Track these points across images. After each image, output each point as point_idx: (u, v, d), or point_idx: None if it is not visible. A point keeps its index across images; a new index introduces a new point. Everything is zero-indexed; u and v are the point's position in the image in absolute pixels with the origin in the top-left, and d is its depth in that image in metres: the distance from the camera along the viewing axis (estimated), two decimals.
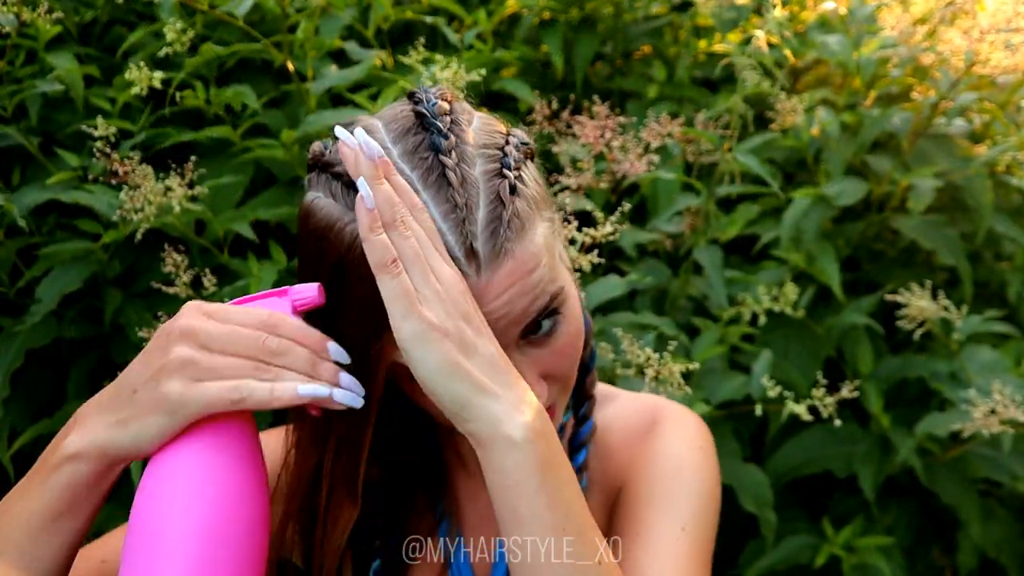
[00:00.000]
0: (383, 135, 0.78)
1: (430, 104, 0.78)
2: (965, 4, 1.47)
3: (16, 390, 1.49)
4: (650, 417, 0.98)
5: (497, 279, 0.75)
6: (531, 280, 0.76)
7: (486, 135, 0.80)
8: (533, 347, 0.81)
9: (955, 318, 1.53)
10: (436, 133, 0.76)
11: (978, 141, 1.86)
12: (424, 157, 0.75)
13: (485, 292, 0.75)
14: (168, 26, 1.43)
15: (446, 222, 0.74)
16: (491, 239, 0.74)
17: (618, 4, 1.94)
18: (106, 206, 1.44)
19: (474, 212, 0.74)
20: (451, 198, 0.74)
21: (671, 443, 0.95)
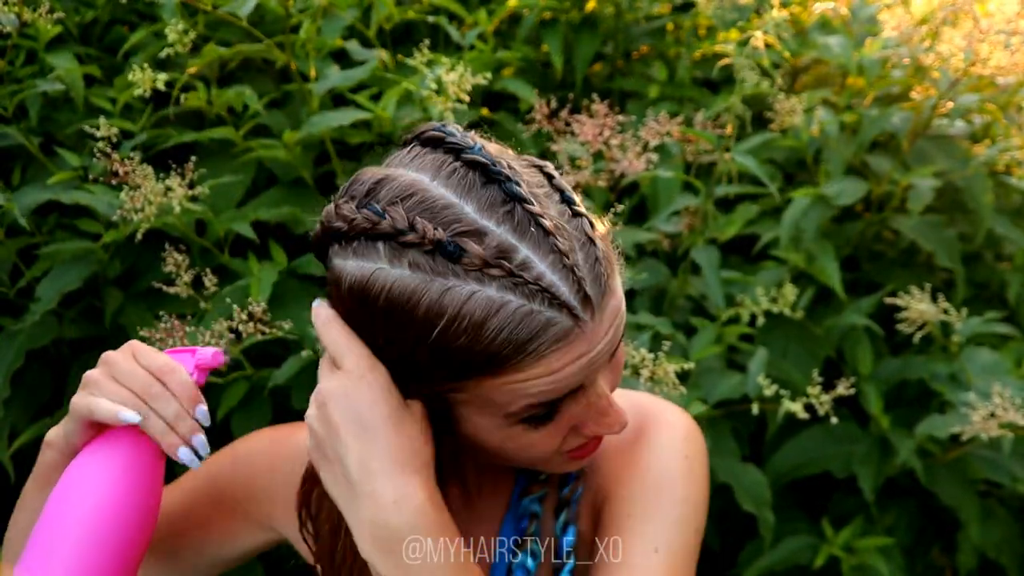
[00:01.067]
0: (443, 191, 0.72)
1: (478, 149, 0.74)
2: (965, 5, 1.46)
3: (16, 390, 1.49)
4: (639, 421, 0.96)
5: (606, 316, 0.73)
6: (623, 309, 0.76)
7: (529, 172, 0.76)
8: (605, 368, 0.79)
9: (955, 320, 1.53)
10: (508, 181, 0.72)
11: (978, 141, 1.86)
12: (508, 210, 0.71)
13: (597, 332, 0.73)
14: (170, 27, 1.43)
15: (556, 273, 0.70)
16: (596, 280, 0.72)
17: (619, 4, 1.95)
18: (106, 206, 1.44)
19: (576, 257, 0.71)
20: (555, 247, 0.70)
21: (655, 454, 0.94)
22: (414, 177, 0.74)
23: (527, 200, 0.71)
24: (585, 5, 1.93)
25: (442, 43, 1.85)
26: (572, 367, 0.72)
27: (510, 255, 0.70)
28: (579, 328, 0.71)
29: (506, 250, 0.70)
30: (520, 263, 0.70)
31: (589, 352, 0.73)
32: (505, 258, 0.70)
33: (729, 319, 1.59)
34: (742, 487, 1.50)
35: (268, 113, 1.63)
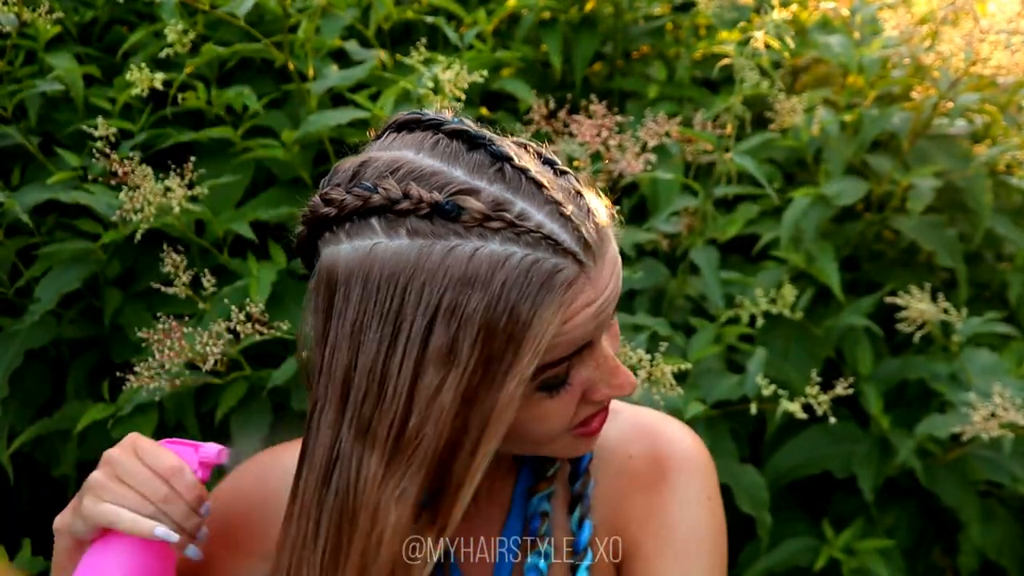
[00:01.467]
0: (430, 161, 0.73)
1: (458, 121, 0.75)
2: (965, 5, 1.46)
3: (16, 390, 1.50)
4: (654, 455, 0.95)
5: (607, 263, 0.74)
6: (617, 257, 0.76)
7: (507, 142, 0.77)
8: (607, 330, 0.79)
9: (955, 320, 1.53)
10: (492, 143, 0.73)
11: (978, 141, 1.86)
12: (498, 168, 0.72)
13: (601, 277, 0.73)
14: (169, 27, 1.43)
15: (555, 221, 0.71)
16: (594, 227, 0.73)
17: (618, 4, 1.94)
18: (106, 206, 1.44)
19: (568, 206, 0.72)
20: (549, 198, 0.71)
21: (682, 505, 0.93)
22: (396, 154, 0.74)
23: (512, 159, 0.72)
24: (584, 5, 1.93)
25: (441, 43, 1.85)
26: (583, 315, 0.72)
27: (508, 207, 0.70)
28: (584, 273, 0.71)
29: (502, 203, 0.70)
30: (519, 214, 0.70)
31: (597, 299, 0.73)
32: (504, 210, 0.70)
33: (728, 319, 1.59)
34: (741, 488, 1.50)
35: (267, 113, 1.63)
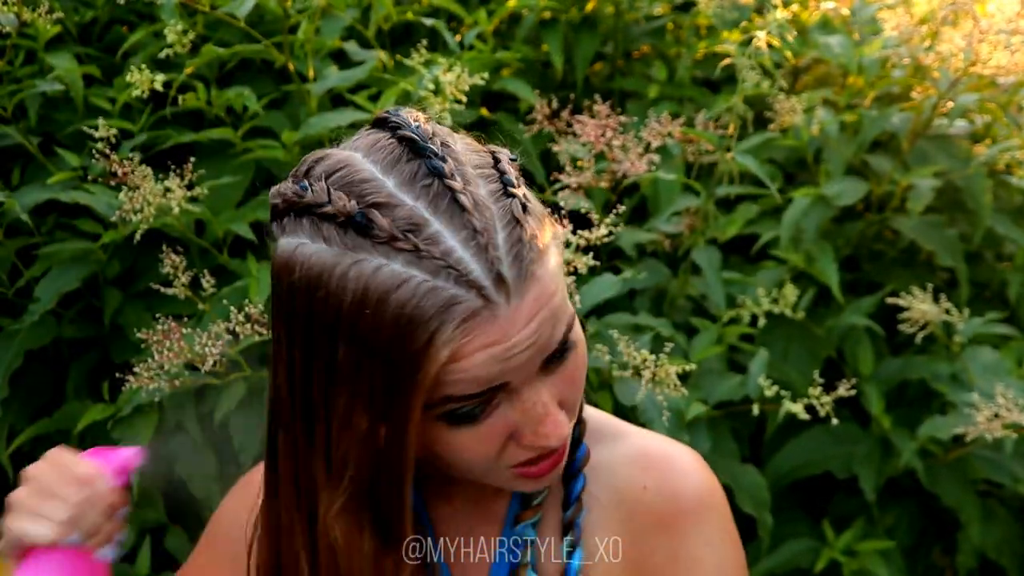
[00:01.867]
0: (369, 167, 0.72)
1: (414, 127, 0.73)
2: (965, 5, 1.46)
3: (15, 390, 1.50)
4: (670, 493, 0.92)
5: (525, 305, 0.70)
6: (553, 304, 0.72)
7: (476, 155, 0.75)
8: (549, 375, 0.76)
9: (956, 320, 1.53)
10: (434, 157, 0.71)
11: (978, 141, 1.86)
12: (426, 184, 0.70)
13: (514, 320, 0.70)
14: (169, 27, 1.43)
15: (467, 249, 0.68)
16: (515, 263, 0.69)
17: (618, 4, 1.94)
18: (106, 206, 1.44)
19: (495, 236, 0.69)
20: (467, 224, 0.68)
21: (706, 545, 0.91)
22: (348, 154, 0.73)
23: (446, 175, 0.69)
24: (585, 5, 1.93)
25: (441, 44, 1.84)
26: (484, 355, 0.69)
27: (419, 229, 0.67)
28: (489, 311, 0.68)
29: (416, 224, 0.68)
30: (427, 237, 0.67)
31: (504, 341, 0.69)
32: (413, 231, 0.67)
33: (730, 320, 1.59)
34: (742, 489, 1.49)
35: (267, 114, 1.63)
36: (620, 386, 1.32)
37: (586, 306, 1.37)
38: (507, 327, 0.69)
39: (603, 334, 1.40)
